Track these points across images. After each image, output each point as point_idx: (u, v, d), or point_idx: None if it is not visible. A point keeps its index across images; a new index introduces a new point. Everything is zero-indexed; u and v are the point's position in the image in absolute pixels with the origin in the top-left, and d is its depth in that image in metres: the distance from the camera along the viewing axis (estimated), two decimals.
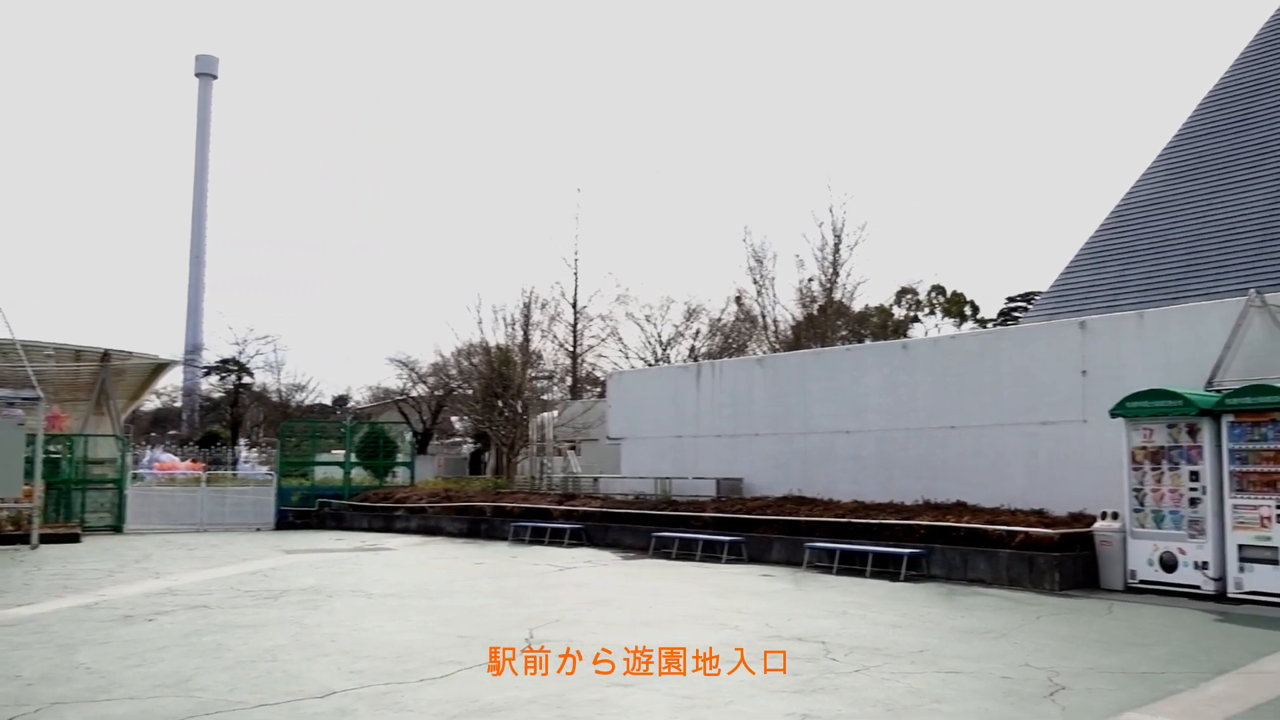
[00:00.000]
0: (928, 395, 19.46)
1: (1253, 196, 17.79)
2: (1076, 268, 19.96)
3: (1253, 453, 13.71)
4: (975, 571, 15.92)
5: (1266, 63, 20.09)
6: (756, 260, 43.31)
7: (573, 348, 48.16)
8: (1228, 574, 13.74)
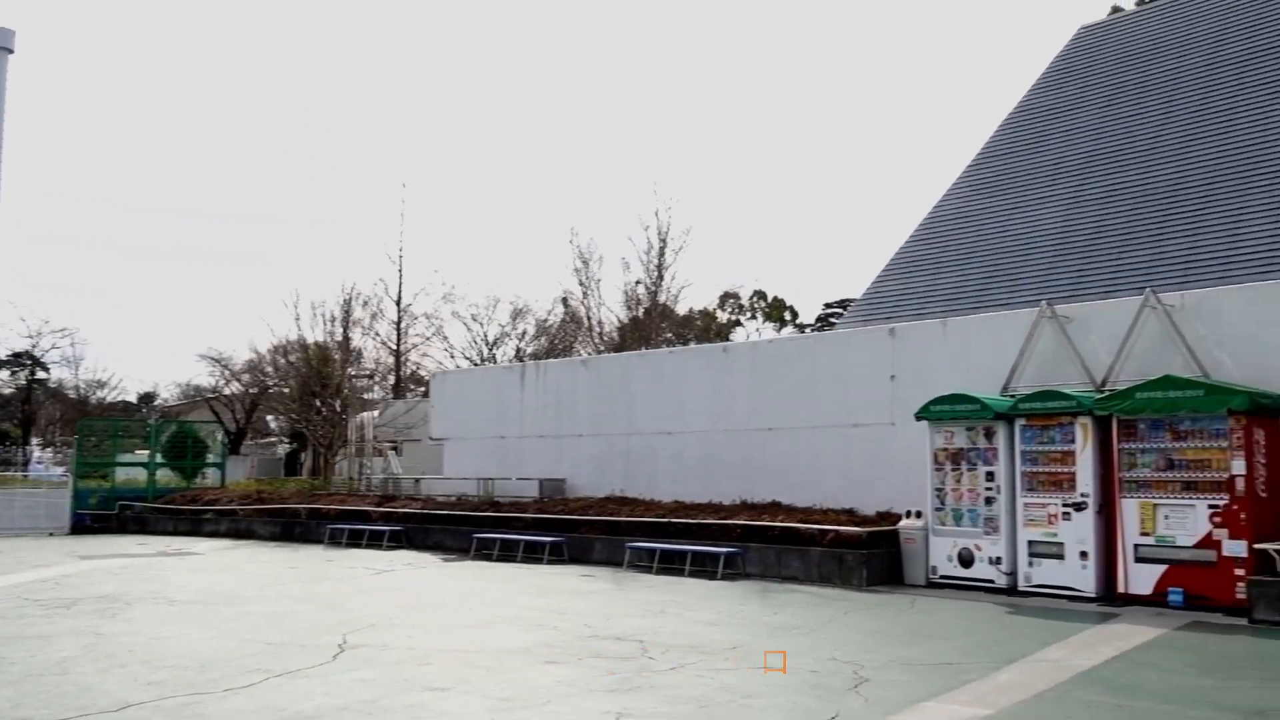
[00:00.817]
0: (747, 397, 19.95)
1: (1047, 214, 18.97)
2: (887, 276, 20.85)
3: (1042, 454, 14.60)
4: (789, 569, 16.41)
5: (1060, 90, 21.48)
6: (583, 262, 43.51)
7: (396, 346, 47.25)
8: (1019, 569, 14.59)
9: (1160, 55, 20.29)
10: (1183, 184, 17.29)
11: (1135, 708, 8.10)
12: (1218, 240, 15.93)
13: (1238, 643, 10.92)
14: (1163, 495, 13.39)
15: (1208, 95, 18.57)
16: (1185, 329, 14.53)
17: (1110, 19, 25.75)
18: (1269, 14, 19.09)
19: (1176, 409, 13.32)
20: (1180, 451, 13.37)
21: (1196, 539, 13.00)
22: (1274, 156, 16.49)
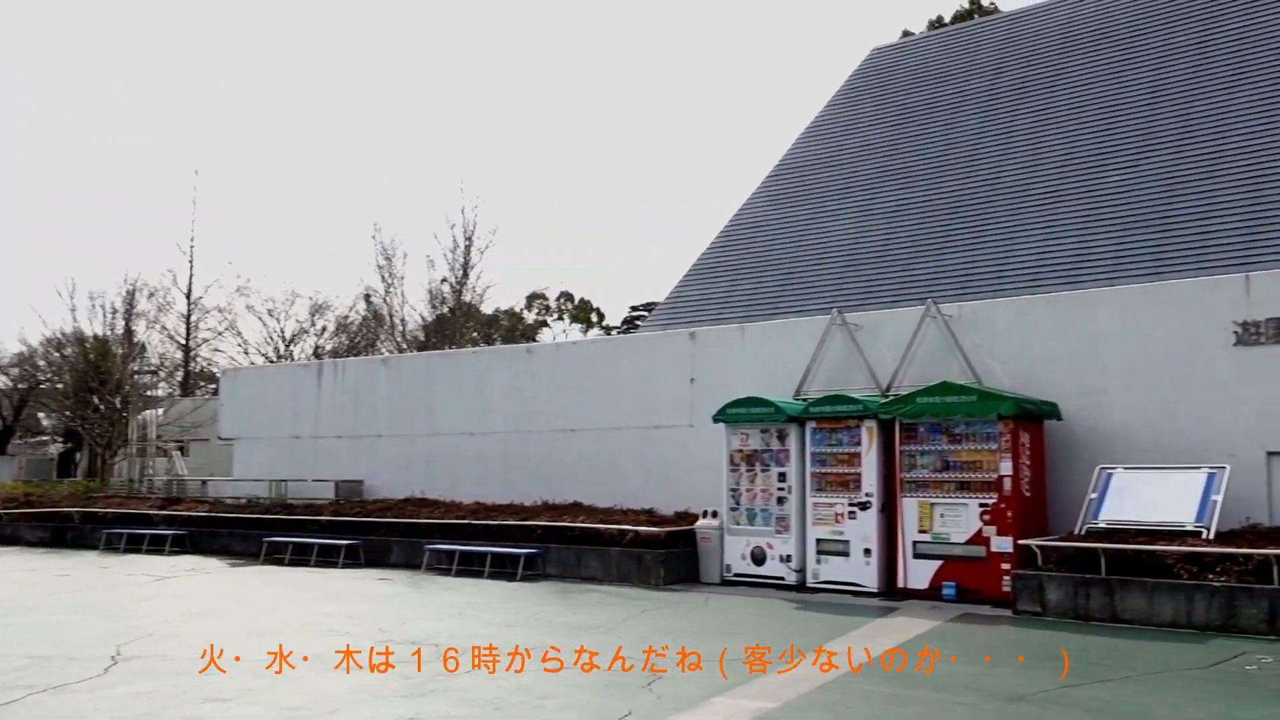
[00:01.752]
0: (550, 399, 19.99)
1: (840, 226, 19.83)
2: (689, 282, 21.33)
3: (830, 456, 15.24)
4: (589, 569, 16.53)
5: (853, 108, 22.49)
6: (386, 258, 42.63)
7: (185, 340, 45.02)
8: (808, 566, 15.18)
9: (946, 80, 21.53)
10: (962, 201, 18.41)
11: (909, 696, 8.55)
12: (993, 255, 17.04)
13: (1002, 633, 11.69)
14: (939, 495, 14.19)
15: (988, 119, 19.83)
16: (962, 338, 15.44)
17: (901, 42, 27.13)
18: (1046, 46, 20.54)
19: (952, 413, 14.15)
20: (956, 453, 14.20)
21: (968, 536, 13.84)
22: (1043, 180, 17.75)
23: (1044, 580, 12.62)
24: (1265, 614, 11.08)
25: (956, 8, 46.65)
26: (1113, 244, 15.81)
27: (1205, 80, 17.19)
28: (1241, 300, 13.29)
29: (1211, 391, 13.44)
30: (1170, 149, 16.50)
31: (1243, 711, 7.94)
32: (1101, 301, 14.58)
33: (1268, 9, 17.59)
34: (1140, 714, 7.87)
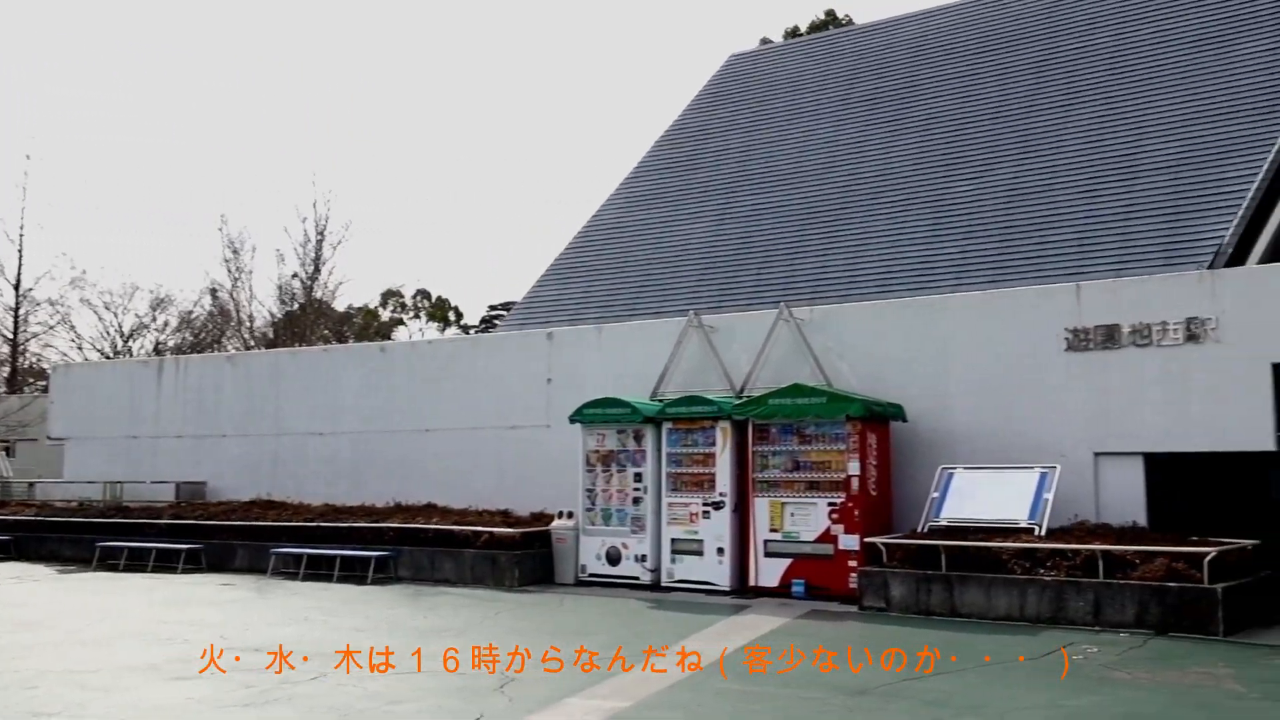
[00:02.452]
0: (405, 398, 19.64)
1: (696, 229, 20.08)
2: (547, 281, 21.27)
3: (686, 456, 15.40)
4: (442, 572, 16.30)
5: (711, 113, 22.80)
6: (233, 252, 41.26)
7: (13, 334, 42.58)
8: (662, 565, 15.30)
9: (801, 88, 22.03)
10: (815, 207, 18.87)
11: (759, 692, 8.70)
12: (844, 260, 17.53)
13: (848, 628, 12.01)
14: (790, 494, 14.50)
15: (841, 128, 20.37)
16: (813, 341, 15.80)
17: (758, 50, 27.63)
18: (898, 60, 21.22)
19: (803, 415, 14.47)
20: (806, 454, 14.53)
21: (817, 534, 14.17)
22: (892, 188, 18.34)
23: (888, 577, 13.02)
24: (1091, 606, 11.68)
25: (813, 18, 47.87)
26: (957, 252, 16.44)
27: (1043, 100, 18.04)
28: (1073, 308, 13.96)
29: (1046, 395, 14.08)
30: (1011, 163, 17.26)
31: (1069, 700, 8.34)
32: (946, 307, 15.12)
33: (1101, 35, 18.57)
34: (977, 704, 8.18)
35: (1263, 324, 12.74)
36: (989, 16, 20.53)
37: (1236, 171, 14.68)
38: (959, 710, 7.99)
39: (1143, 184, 15.54)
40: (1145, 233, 14.94)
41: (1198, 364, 13.08)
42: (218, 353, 36.06)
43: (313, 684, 8.96)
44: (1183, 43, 17.27)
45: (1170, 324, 13.29)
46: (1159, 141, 16.02)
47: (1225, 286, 13.07)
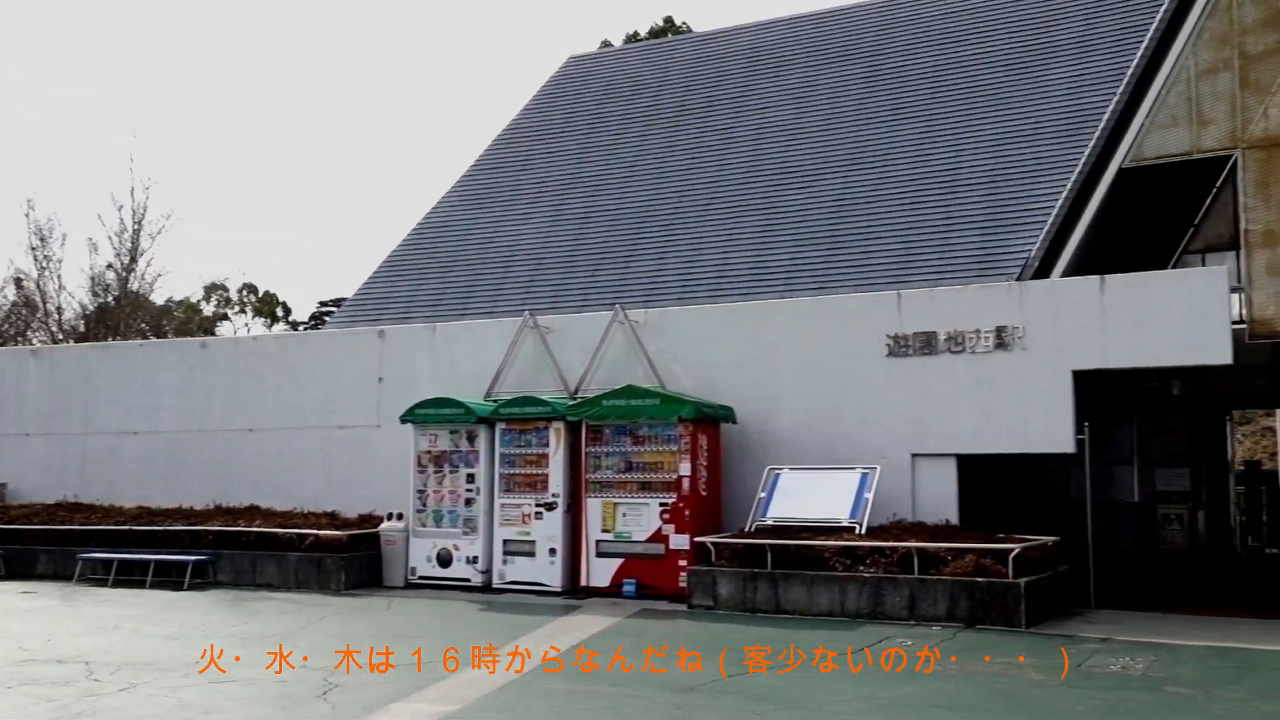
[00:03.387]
0: (227, 396, 18.90)
1: (531, 229, 20.02)
2: (379, 278, 20.82)
3: (519, 457, 15.34)
4: (265, 576, 15.77)
5: (548, 114, 22.78)
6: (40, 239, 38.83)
7: None
8: (494, 567, 15.20)
9: (639, 93, 22.23)
10: (650, 211, 19.09)
11: (587, 691, 8.74)
12: (678, 264, 17.78)
13: (677, 626, 12.18)
14: (622, 495, 14.62)
15: (677, 133, 20.65)
16: (648, 343, 15.97)
17: (598, 53, 27.79)
18: (733, 69, 21.64)
19: (637, 416, 14.62)
20: (639, 455, 14.69)
21: (649, 534, 14.34)
22: (726, 195, 18.71)
23: (716, 576, 13.28)
24: (907, 601, 12.19)
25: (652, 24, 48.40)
26: (787, 259, 16.90)
27: (870, 116, 18.74)
28: (894, 315, 14.55)
29: (869, 398, 14.62)
30: (839, 174, 17.85)
31: (884, 691, 8.68)
32: (775, 312, 15.51)
33: (924, 57, 19.40)
34: (798, 698, 8.43)
35: (1065, 333, 13.55)
36: (821, 33, 21.19)
37: (1044, 189, 15.58)
38: (781, 704, 8.21)
39: (961, 198, 16.33)
40: (962, 245, 15.70)
41: (1007, 370, 13.82)
42: (20, 346, 33.91)
43: (121, 695, 8.53)
44: (998, 68, 18.23)
45: (982, 332, 13.99)
46: (976, 159, 16.86)
47: (1032, 297, 13.85)
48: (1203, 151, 14.00)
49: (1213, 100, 13.95)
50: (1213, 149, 13.92)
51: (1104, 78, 16.54)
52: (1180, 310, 13.00)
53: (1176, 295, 13.09)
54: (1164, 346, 13.11)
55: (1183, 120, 14.09)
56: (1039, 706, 8.18)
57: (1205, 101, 14.00)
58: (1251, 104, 13.71)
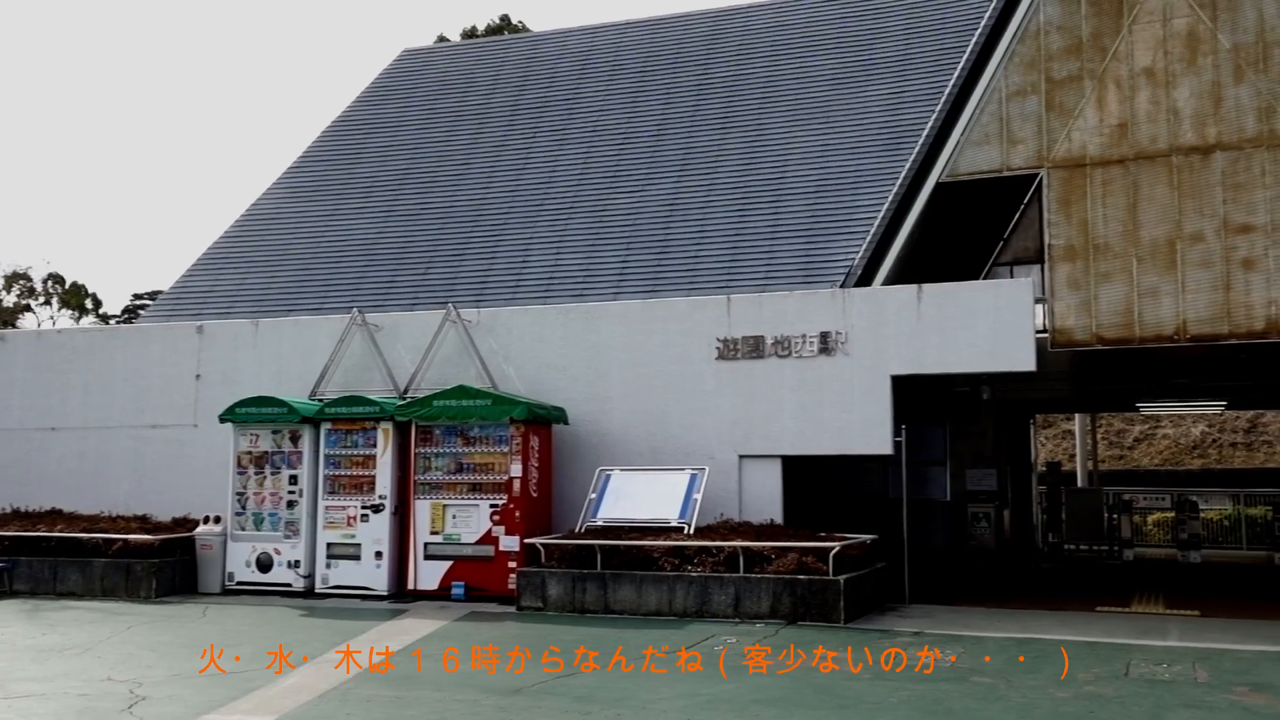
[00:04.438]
0: (26, 393, 17.77)
1: (361, 224, 19.52)
2: (198, 271, 19.93)
3: (345, 458, 14.97)
4: (67, 584, 14.90)
5: (381, 107, 22.29)
6: None
7: None
8: (317, 571, 14.77)
9: (474, 90, 21.98)
10: (482, 209, 18.89)
11: (411, 697, 8.58)
12: (509, 264, 17.65)
13: (505, 629, 12.10)
14: (452, 496, 14.46)
15: (511, 132, 20.50)
16: (480, 343, 15.83)
17: (433, 47, 27.35)
18: (568, 70, 21.64)
19: (468, 417, 14.47)
20: (469, 456, 14.54)
21: (478, 536, 14.22)
22: (557, 195, 18.69)
23: (545, 577, 13.26)
24: (732, 599, 12.45)
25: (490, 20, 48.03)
26: (618, 261, 17.02)
27: (702, 122, 19.05)
28: (723, 319, 14.84)
29: (698, 400, 14.87)
30: (670, 179, 18.08)
31: (707, 688, 8.83)
32: (606, 314, 15.60)
33: (756, 66, 19.85)
34: (623, 697, 8.49)
35: (885, 339, 14.11)
36: (654, 40, 21.42)
37: (867, 200, 16.17)
38: (606, 703, 8.25)
39: (787, 207, 16.78)
40: (788, 251, 16.13)
41: (830, 374, 14.29)
42: None
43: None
44: (823, 82, 18.82)
45: (808, 337, 14.43)
46: (802, 169, 17.35)
47: (854, 304, 14.36)
48: (1012, 169, 14.79)
49: (1022, 121, 14.76)
50: (1021, 167, 14.72)
51: (923, 95, 17.29)
52: (989, 319, 13.72)
53: (986, 305, 13.81)
54: (974, 353, 13.80)
55: (994, 139, 14.86)
56: (854, 699, 8.47)
57: (1015, 122, 14.79)
58: (1056, 126, 14.56)
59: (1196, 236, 13.70)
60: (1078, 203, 14.29)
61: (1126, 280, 13.91)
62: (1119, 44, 14.35)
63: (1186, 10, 14.10)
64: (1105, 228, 14.10)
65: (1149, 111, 14.15)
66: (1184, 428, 34.42)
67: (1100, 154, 14.28)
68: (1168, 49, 14.15)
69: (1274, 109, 13.57)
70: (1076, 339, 14.07)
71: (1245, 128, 13.69)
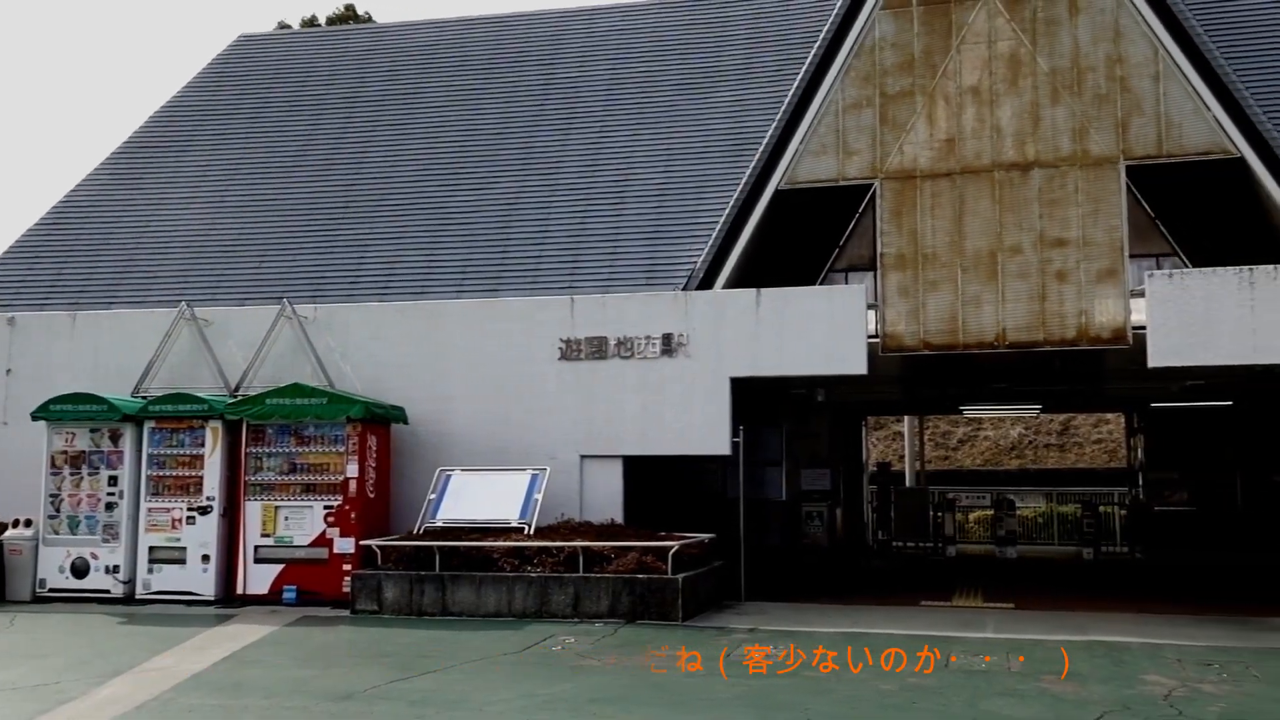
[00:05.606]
0: None
1: (191, 215, 18.68)
2: (10, 260, 18.65)
3: (170, 458, 14.36)
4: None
5: (214, 94, 21.39)
6: None
7: None
8: (138, 576, 14.13)
9: (312, 81, 21.33)
10: (319, 203, 18.33)
11: (238, 706, 8.28)
12: (347, 260, 17.20)
13: (339, 633, 11.82)
14: (285, 498, 14.04)
15: (349, 125, 19.96)
16: (316, 340, 15.41)
17: (271, 34, 26.41)
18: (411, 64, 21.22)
19: (302, 416, 14.07)
20: (304, 455, 14.15)
21: (312, 538, 13.85)
22: (397, 191, 18.31)
23: (382, 579, 13.01)
24: (572, 599, 12.46)
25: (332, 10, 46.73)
26: (459, 259, 16.81)
27: (545, 122, 18.96)
28: (566, 319, 14.85)
29: (540, 400, 14.84)
30: (512, 178, 17.94)
31: (545, 688, 8.82)
32: (447, 313, 15.42)
33: (600, 68, 19.90)
34: (459, 700, 8.40)
35: (725, 341, 14.38)
36: (500, 35, 21.23)
37: (709, 205, 16.40)
38: (441, 707, 8.14)
39: (631, 208, 16.89)
40: (631, 254, 16.24)
41: (671, 376, 14.47)
42: None
43: None
44: (667, 87, 19.00)
45: (651, 339, 14.59)
46: (644, 172, 17.48)
47: (696, 307, 14.59)
48: (847, 179, 15.27)
49: (857, 133, 15.26)
50: (856, 178, 15.22)
51: (766, 103, 17.65)
52: (824, 324, 14.15)
53: (821, 310, 14.23)
54: (810, 357, 14.21)
55: (831, 149, 15.32)
56: (689, 695, 8.59)
57: (851, 134, 15.29)
58: (889, 139, 15.11)
59: (1016, 249, 14.44)
60: (908, 213, 14.86)
61: (952, 289, 14.54)
62: (948, 63, 15.00)
63: (1010, 34, 14.84)
64: (933, 238, 14.71)
65: (974, 128, 14.83)
66: (1003, 430, 36.24)
67: (930, 167, 14.89)
68: (992, 69, 14.86)
69: (1087, 130, 14.42)
70: (906, 344, 14.62)
71: (1061, 147, 14.50)
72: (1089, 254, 14.16)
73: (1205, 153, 14.10)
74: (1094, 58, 14.54)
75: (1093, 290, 14.03)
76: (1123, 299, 13.89)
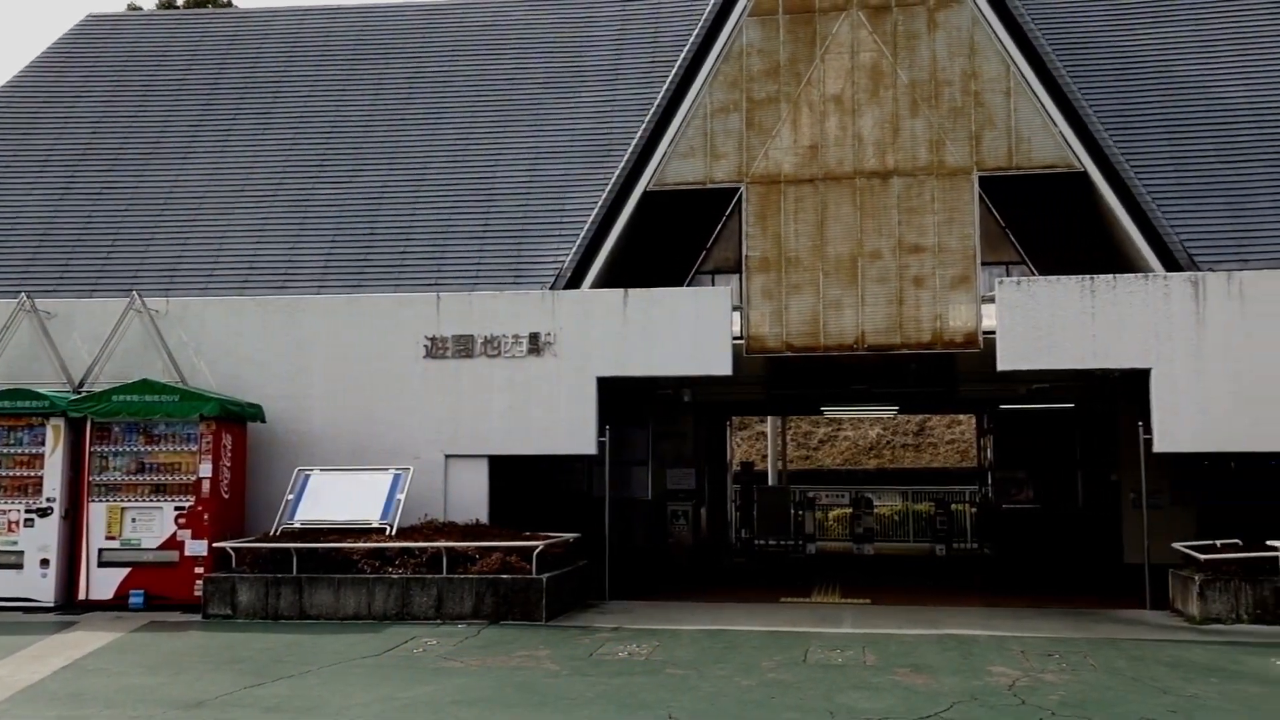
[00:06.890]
0: None
1: (33, 202, 17.72)
2: None
3: (7, 457, 13.65)
4: None
5: (60, 76, 20.35)
6: None
7: None
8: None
9: (168, 65, 20.49)
10: (174, 192, 17.61)
11: (77, 716, 7.90)
12: (202, 252, 16.56)
13: (189, 638, 11.39)
14: (132, 498, 13.49)
15: (208, 112, 19.23)
16: (168, 335, 14.84)
17: (122, 15, 25.26)
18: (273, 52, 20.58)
19: (153, 413, 13.53)
20: (153, 455, 13.62)
21: (161, 541, 13.33)
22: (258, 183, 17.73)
23: (236, 582, 12.61)
24: (434, 600, 12.30)
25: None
26: (322, 255, 16.38)
27: (411, 116, 18.58)
28: (432, 317, 14.65)
29: (404, 399, 14.59)
30: (377, 173, 17.55)
31: (405, 691, 8.68)
32: (308, 309, 15.03)
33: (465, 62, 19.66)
34: (315, 705, 8.19)
35: (592, 341, 14.40)
36: (366, 26, 20.74)
37: (577, 204, 16.35)
38: (297, 713, 7.94)
39: (498, 206, 16.72)
40: (498, 252, 16.08)
41: (539, 375, 14.42)
42: None
43: None
44: (535, 84, 18.86)
45: (518, 337, 14.51)
46: (512, 169, 17.32)
47: (564, 306, 14.57)
48: (715, 182, 15.47)
49: (724, 137, 15.46)
50: (723, 181, 15.42)
51: (635, 104, 17.70)
52: (691, 325, 14.30)
53: (688, 311, 14.38)
54: (676, 357, 14.34)
55: (699, 152, 15.49)
56: (553, 695, 8.57)
57: (718, 137, 15.49)
58: (755, 144, 15.36)
59: (875, 254, 14.85)
60: (773, 217, 15.13)
61: (814, 292, 14.87)
62: (812, 71, 15.33)
63: (871, 45, 15.26)
64: (797, 242, 15.02)
65: (837, 136, 15.20)
66: (862, 430, 37.26)
67: (794, 172, 15.19)
68: (855, 79, 15.26)
69: (943, 141, 14.93)
70: (769, 346, 14.89)
71: (919, 157, 14.98)
72: (944, 260, 14.66)
73: (1051, 166, 14.78)
74: (951, 72, 15.06)
75: (947, 296, 14.54)
76: (975, 305, 14.44)
